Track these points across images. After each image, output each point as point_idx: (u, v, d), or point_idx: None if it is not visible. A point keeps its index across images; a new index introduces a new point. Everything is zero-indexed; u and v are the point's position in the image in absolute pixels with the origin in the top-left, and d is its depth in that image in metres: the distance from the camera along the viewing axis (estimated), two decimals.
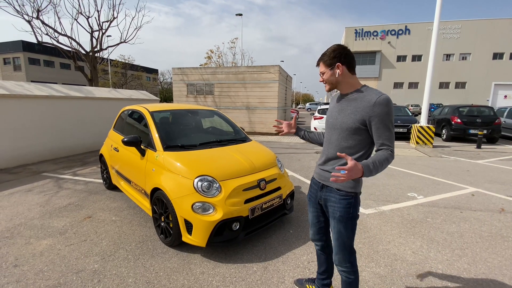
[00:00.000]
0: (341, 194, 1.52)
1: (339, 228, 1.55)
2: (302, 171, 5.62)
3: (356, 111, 1.44)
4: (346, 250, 1.58)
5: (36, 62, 34.44)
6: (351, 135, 1.48)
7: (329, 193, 1.57)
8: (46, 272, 2.27)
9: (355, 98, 1.47)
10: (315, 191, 1.71)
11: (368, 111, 1.39)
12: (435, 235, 2.95)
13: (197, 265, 2.38)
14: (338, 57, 1.46)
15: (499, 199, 4.05)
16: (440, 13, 8.66)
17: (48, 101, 6.52)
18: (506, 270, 2.34)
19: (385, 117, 1.38)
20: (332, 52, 1.47)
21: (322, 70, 1.53)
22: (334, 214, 1.56)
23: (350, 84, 1.51)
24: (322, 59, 1.52)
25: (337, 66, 1.46)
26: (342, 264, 1.60)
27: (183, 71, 12.54)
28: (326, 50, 1.52)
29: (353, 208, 1.53)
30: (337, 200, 1.53)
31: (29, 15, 10.75)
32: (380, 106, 1.37)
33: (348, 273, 1.61)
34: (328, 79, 1.52)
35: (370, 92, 1.44)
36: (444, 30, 30.84)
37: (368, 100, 1.41)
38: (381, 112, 1.37)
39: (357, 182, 1.52)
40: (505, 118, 10.88)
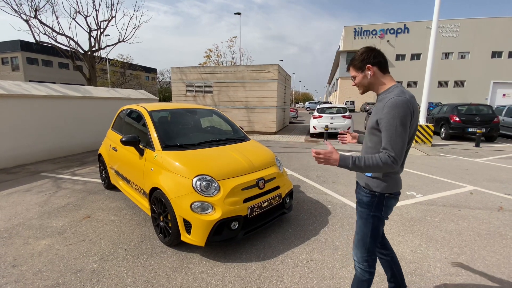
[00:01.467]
0: (365, 191, 1.54)
1: (360, 223, 1.59)
2: (301, 170, 5.62)
3: (375, 112, 1.47)
4: (364, 248, 1.57)
5: (34, 62, 34.33)
6: (372, 135, 1.51)
7: (359, 190, 1.62)
8: (44, 272, 2.26)
9: (381, 99, 1.48)
10: (356, 189, 1.74)
11: (380, 111, 1.40)
12: (433, 233, 2.96)
13: (196, 265, 2.38)
14: (367, 59, 1.47)
15: (498, 198, 4.06)
16: (438, 11, 8.65)
17: (46, 101, 6.50)
18: (505, 268, 2.35)
19: (389, 120, 1.34)
20: (361, 55, 1.48)
21: (353, 74, 1.54)
22: (357, 209, 1.62)
23: (383, 84, 1.50)
24: (352, 64, 1.53)
25: (368, 68, 1.47)
26: (359, 260, 1.60)
27: (182, 71, 12.51)
28: (355, 54, 1.53)
29: (374, 208, 1.51)
30: (361, 196, 1.57)
31: (27, 15, 10.70)
32: (387, 108, 1.35)
33: (364, 272, 1.59)
34: (360, 82, 1.53)
35: (391, 93, 1.41)
36: (443, 28, 30.87)
37: (382, 103, 1.41)
38: (386, 114, 1.35)
39: (382, 183, 1.48)
40: (504, 116, 10.91)
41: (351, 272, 2.27)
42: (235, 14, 24.20)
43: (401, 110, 1.32)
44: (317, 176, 5.21)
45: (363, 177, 1.57)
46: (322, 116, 10.59)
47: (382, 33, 33.09)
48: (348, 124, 10.31)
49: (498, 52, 30.48)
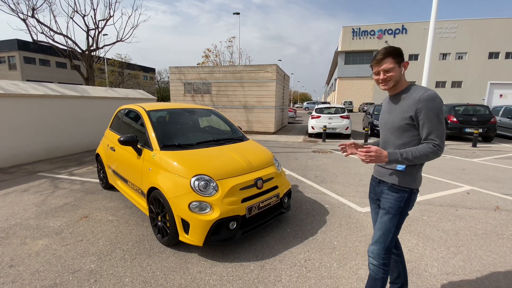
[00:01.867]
0: (395, 188, 1.56)
1: (385, 219, 1.58)
2: (300, 170, 5.63)
3: (403, 109, 1.50)
4: (384, 245, 1.58)
5: (31, 61, 34.13)
6: (402, 132, 1.53)
7: (383, 188, 1.62)
8: (42, 272, 2.26)
9: (403, 98, 1.52)
10: (373, 188, 1.75)
11: (414, 107, 1.44)
12: (430, 233, 2.98)
13: (194, 264, 2.38)
14: (402, 55, 1.51)
15: (494, 197, 4.09)
16: (436, 12, 8.69)
17: (43, 100, 6.47)
18: (501, 268, 2.36)
19: (429, 112, 1.41)
20: (399, 50, 1.49)
21: (390, 66, 1.48)
22: (384, 205, 1.60)
23: (402, 84, 1.55)
24: (391, 54, 1.48)
25: (404, 65, 1.51)
26: (375, 257, 1.60)
27: (181, 70, 12.49)
28: (388, 48, 1.50)
29: (404, 203, 1.54)
30: (389, 193, 1.58)
31: (24, 14, 10.63)
32: (424, 102, 1.41)
33: (378, 269, 1.60)
34: (396, 77, 1.51)
35: (417, 89, 1.48)
36: (441, 29, 31.03)
37: (414, 97, 1.46)
38: (426, 106, 1.41)
39: (413, 179, 1.53)
40: (500, 117, 10.98)
41: (349, 272, 2.28)
42: (233, 14, 24.19)
43: (438, 102, 1.42)
44: (315, 176, 5.22)
45: (390, 175, 1.58)
46: (321, 116, 10.61)
47: (380, 34, 33.19)
48: (347, 125, 10.34)
49: (495, 53, 30.66)
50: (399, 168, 1.53)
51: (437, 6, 8.63)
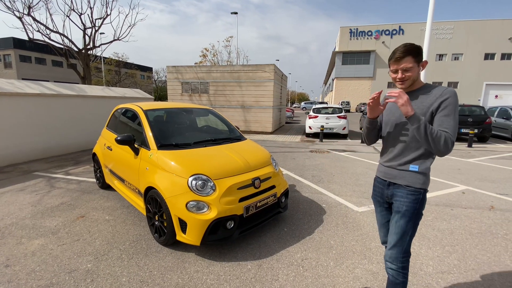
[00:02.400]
0: (410, 190, 1.50)
1: (401, 222, 1.53)
2: (297, 170, 5.65)
3: (423, 105, 1.45)
4: (402, 248, 1.54)
5: (27, 60, 33.78)
6: None
7: (397, 190, 1.55)
8: (38, 272, 2.24)
9: (421, 95, 1.48)
10: (380, 190, 1.68)
11: (435, 102, 1.42)
12: (426, 232, 3.01)
13: (191, 264, 2.38)
14: (422, 53, 1.46)
15: (489, 197, 4.14)
16: (433, 13, 8.75)
17: (39, 99, 6.42)
18: (495, 266, 2.39)
19: (449, 106, 1.38)
20: (419, 49, 1.44)
21: (410, 65, 1.44)
22: (399, 208, 1.53)
23: (418, 82, 1.53)
24: (411, 53, 1.43)
25: (423, 64, 1.47)
26: (394, 261, 1.56)
27: (178, 70, 12.45)
28: (408, 46, 1.44)
29: (420, 204, 1.50)
30: (404, 195, 1.52)
31: (20, 12, 10.54)
32: (445, 96, 1.40)
33: (397, 274, 1.56)
34: (414, 75, 1.47)
35: (435, 88, 1.47)
36: (437, 30, 31.25)
37: (435, 94, 1.44)
38: (446, 101, 1.39)
39: (427, 178, 1.51)
40: (496, 117, 11.09)
41: (345, 271, 2.30)
42: (231, 13, 24.16)
43: (457, 98, 1.40)
44: (313, 175, 5.24)
45: (403, 176, 1.52)
46: (318, 116, 10.64)
47: (377, 34, 33.35)
48: (344, 125, 10.39)
49: (491, 54, 30.95)
50: (413, 168, 1.49)
51: (433, 7, 8.70)
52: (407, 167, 1.51)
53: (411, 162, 1.51)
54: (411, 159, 1.51)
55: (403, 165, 1.53)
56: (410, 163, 1.51)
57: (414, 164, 1.49)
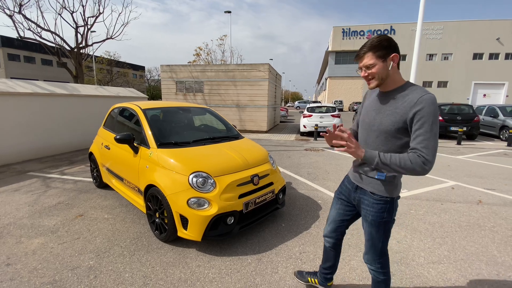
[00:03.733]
0: (375, 198, 1.44)
1: (370, 230, 1.51)
2: (293, 168, 5.74)
3: (396, 112, 1.31)
4: (376, 252, 1.55)
5: (16, 58, 33.02)
6: (390, 138, 1.36)
7: (363, 196, 1.51)
8: (40, 270, 2.26)
9: (397, 97, 1.33)
10: (348, 190, 1.65)
11: (408, 111, 1.26)
12: (418, 225, 3.13)
13: (192, 259, 2.44)
14: (392, 47, 1.29)
15: (477, 192, 4.31)
16: (423, 14, 8.97)
17: (32, 99, 6.33)
18: (483, 256, 2.53)
19: (427, 118, 1.21)
20: (385, 41, 1.28)
21: (371, 62, 1.31)
22: (366, 217, 1.51)
23: (395, 81, 1.35)
24: (371, 49, 1.30)
25: (392, 58, 1.30)
26: (372, 263, 1.59)
27: (172, 69, 12.41)
28: (371, 40, 1.31)
29: (386, 213, 1.44)
30: (370, 204, 1.47)
31: (10, 10, 10.33)
32: (421, 105, 1.22)
33: (378, 273, 1.59)
34: (380, 73, 1.31)
35: (413, 90, 1.29)
36: (427, 31, 31.85)
37: (410, 100, 1.27)
38: (424, 111, 1.22)
39: (394, 187, 1.42)
40: (484, 115, 11.44)
41: (342, 263, 2.39)
42: (225, 12, 24.12)
43: (436, 108, 1.22)
44: (308, 173, 5.34)
45: (370, 183, 1.46)
46: (312, 115, 10.78)
47: (369, 34, 33.78)
48: (338, 123, 10.55)
49: (479, 54, 31.72)
50: (379, 176, 1.40)
51: (424, 8, 8.91)
52: (373, 174, 1.43)
53: (379, 169, 1.40)
54: None
55: (370, 171, 1.44)
56: (378, 170, 1.41)
57: (382, 172, 1.40)
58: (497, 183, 4.76)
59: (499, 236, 2.90)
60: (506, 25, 30.35)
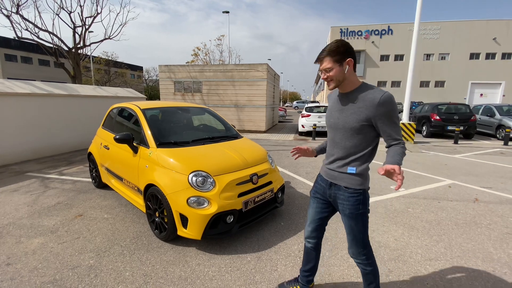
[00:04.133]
0: (349, 191, 1.54)
1: (349, 223, 1.59)
2: (291, 167, 5.77)
3: (359, 110, 1.44)
4: (359, 244, 1.61)
5: (12, 59, 32.83)
6: (355, 134, 1.48)
7: (338, 191, 1.59)
8: (40, 269, 2.27)
9: (356, 97, 1.46)
10: (322, 188, 1.71)
11: (373, 110, 1.40)
12: (415, 223, 3.17)
13: (192, 258, 2.45)
14: (347, 52, 1.42)
15: (474, 190, 4.36)
16: (420, 14, 9.04)
17: (30, 99, 6.32)
18: (479, 253, 2.56)
19: (391, 114, 1.40)
20: (341, 46, 1.41)
21: (328, 66, 1.44)
22: (344, 212, 1.59)
23: (352, 82, 1.48)
24: (329, 54, 1.42)
25: (347, 62, 1.43)
26: (357, 256, 1.64)
27: (170, 69, 12.40)
28: (330, 45, 1.43)
29: (362, 205, 1.54)
30: (346, 198, 1.55)
31: (8, 10, 10.28)
32: (385, 105, 1.38)
33: (364, 265, 1.65)
34: (337, 76, 1.45)
35: (371, 90, 1.44)
36: (425, 31, 31.99)
37: (371, 99, 1.41)
38: (387, 110, 1.39)
39: (364, 179, 1.54)
40: (480, 115, 11.53)
41: (340, 260, 2.42)
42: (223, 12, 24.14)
43: (395, 103, 1.42)
44: (306, 172, 5.37)
45: (343, 178, 1.56)
46: (311, 115, 10.82)
47: (367, 34, 33.87)
48: None
49: (476, 54, 31.90)
50: (351, 170, 1.53)
51: (421, 7, 8.98)
52: (345, 169, 1.54)
53: (349, 164, 1.53)
54: (348, 161, 1.53)
55: (342, 167, 1.56)
56: (348, 165, 1.54)
57: (352, 167, 1.52)
58: (494, 182, 4.82)
59: (495, 234, 2.94)
60: (502, 25, 30.58)
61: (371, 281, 1.69)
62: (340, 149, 1.57)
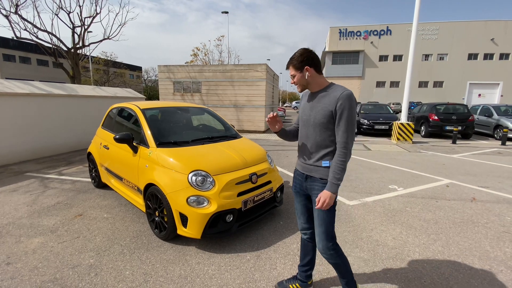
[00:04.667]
0: (324, 182, 1.65)
1: (322, 214, 1.66)
2: (290, 167, 5.79)
3: (325, 107, 1.58)
4: (328, 237, 1.68)
5: (11, 59, 32.76)
6: (324, 129, 1.61)
7: (313, 183, 1.70)
8: (41, 269, 2.28)
9: (323, 96, 1.61)
10: (300, 182, 1.82)
11: (334, 105, 1.54)
12: (413, 222, 3.19)
13: (192, 256, 2.47)
14: (306, 60, 1.59)
15: (471, 190, 4.39)
16: (418, 15, 9.08)
17: (29, 99, 6.32)
18: (476, 251, 2.59)
19: (345, 111, 1.51)
20: (300, 56, 1.59)
21: (292, 73, 1.65)
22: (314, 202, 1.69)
23: (319, 84, 1.65)
24: (291, 63, 1.64)
25: (306, 69, 1.60)
26: (326, 251, 1.69)
27: (170, 69, 12.41)
28: (294, 55, 1.63)
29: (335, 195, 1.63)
30: (320, 188, 1.65)
31: (6, 10, 10.27)
32: (341, 100, 1.51)
33: (334, 258, 1.71)
34: (299, 81, 1.65)
35: (336, 88, 1.58)
36: (423, 31, 32.12)
37: (333, 96, 1.55)
38: (343, 105, 1.51)
39: None
40: (478, 115, 11.59)
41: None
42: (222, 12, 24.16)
43: (354, 101, 1.53)
44: None
45: (317, 170, 1.67)
46: None
47: (366, 35, 33.97)
48: None
49: (474, 54, 32.05)
50: (325, 164, 1.64)
51: (419, 8, 9.02)
52: (319, 163, 1.66)
53: (322, 158, 1.65)
54: (322, 155, 1.64)
55: (316, 161, 1.67)
56: (321, 159, 1.65)
57: (325, 160, 1.64)
58: (491, 181, 4.85)
59: (492, 232, 2.97)
60: (500, 26, 30.73)
61: (344, 271, 1.77)
62: (312, 144, 1.68)
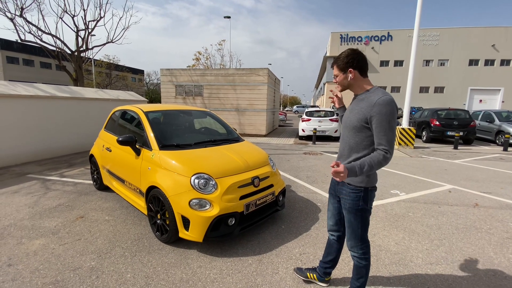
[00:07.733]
0: (351, 188, 1.65)
1: (349, 217, 1.71)
2: (292, 171, 5.79)
3: (361, 111, 1.56)
4: (357, 238, 1.71)
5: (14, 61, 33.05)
6: (357, 133, 1.60)
7: (342, 187, 1.72)
8: (42, 271, 2.28)
9: (362, 99, 1.60)
10: (333, 183, 1.86)
11: (369, 110, 1.51)
12: (415, 227, 3.17)
13: (194, 260, 2.46)
14: (350, 62, 1.58)
15: (474, 195, 4.37)
16: (419, 21, 9.14)
17: (32, 101, 6.36)
18: (479, 258, 2.57)
19: (382, 117, 1.46)
20: (346, 58, 1.59)
21: (335, 73, 1.66)
22: (344, 205, 1.72)
23: (361, 86, 1.63)
24: (336, 63, 1.64)
25: (349, 71, 1.60)
26: (354, 250, 1.75)
27: (172, 72, 12.49)
28: (340, 54, 1.62)
29: (361, 201, 1.64)
30: (347, 193, 1.67)
31: (12, 13, 10.39)
32: (379, 106, 1.47)
33: (360, 259, 1.75)
34: (341, 82, 1.66)
35: (375, 93, 1.55)
36: (424, 37, 32.26)
37: (371, 100, 1.52)
38: (379, 112, 1.47)
39: (368, 178, 1.62)
40: (480, 121, 11.57)
41: (341, 264, 2.42)
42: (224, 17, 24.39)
43: (392, 107, 1.48)
44: (307, 176, 5.38)
45: None
46: (311, 119, 10.86)
47: (367, 40, 34.13)
48: (336, 127, 10.64)
49: (475, 60, 32.12)
50: None
51: (420, 14, 9.09)
52: None
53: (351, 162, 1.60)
54: (353, 159, 1.62)
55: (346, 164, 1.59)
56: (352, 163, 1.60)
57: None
58: (493, 187, 4.83)
59: (495, 238, 2.95)
60: (501, 32, 30.86)
61: (362, 275, 1.79)
62: (345, 146, 1.69)
